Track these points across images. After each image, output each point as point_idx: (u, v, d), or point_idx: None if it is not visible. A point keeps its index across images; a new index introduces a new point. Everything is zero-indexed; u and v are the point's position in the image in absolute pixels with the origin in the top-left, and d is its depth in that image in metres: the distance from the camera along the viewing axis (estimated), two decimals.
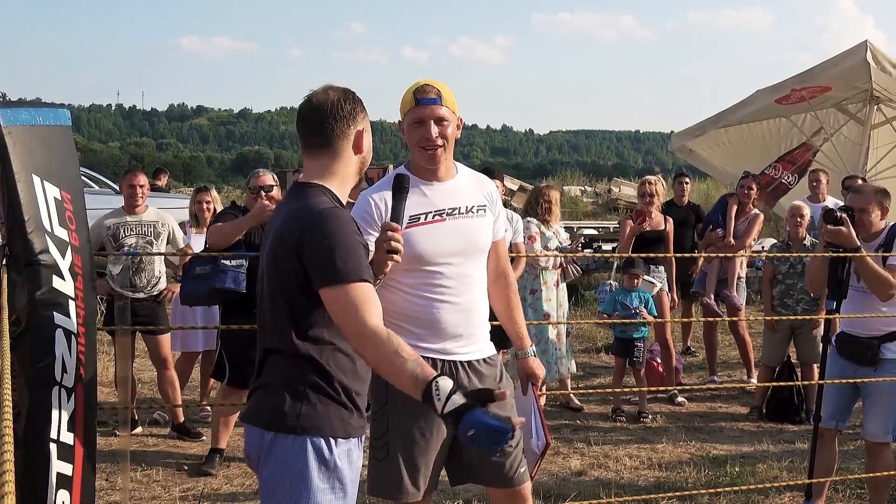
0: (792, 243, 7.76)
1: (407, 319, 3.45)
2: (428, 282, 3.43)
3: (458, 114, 3.48)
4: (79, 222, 3.51)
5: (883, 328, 5.05)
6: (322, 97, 2.91)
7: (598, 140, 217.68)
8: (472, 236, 3.50)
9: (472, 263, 3.52)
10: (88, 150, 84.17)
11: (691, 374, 9.43)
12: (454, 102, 3.46)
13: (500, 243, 3.73)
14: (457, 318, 3.46)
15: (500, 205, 3.72)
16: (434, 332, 3.43)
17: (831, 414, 5.18)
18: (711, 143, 13.90)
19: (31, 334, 3.24)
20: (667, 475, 6.17)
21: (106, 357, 8.57)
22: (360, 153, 2.96)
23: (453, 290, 3.45)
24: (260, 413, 2.89)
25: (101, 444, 6.16)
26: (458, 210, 3.49)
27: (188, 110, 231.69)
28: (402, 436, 3.47)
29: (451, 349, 3.47)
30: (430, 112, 3.39)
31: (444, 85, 3.46)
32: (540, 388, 3.82)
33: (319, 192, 2.85)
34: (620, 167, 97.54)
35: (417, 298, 3.44)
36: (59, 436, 3.34)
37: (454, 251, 3.45)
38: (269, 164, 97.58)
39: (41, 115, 3.38)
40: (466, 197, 3.54)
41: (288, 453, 2.79)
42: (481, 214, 3.55)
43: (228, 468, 6.20)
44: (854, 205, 5.09)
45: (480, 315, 3.56)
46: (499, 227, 3.68)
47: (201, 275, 5.86)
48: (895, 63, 10.77)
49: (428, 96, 3.40)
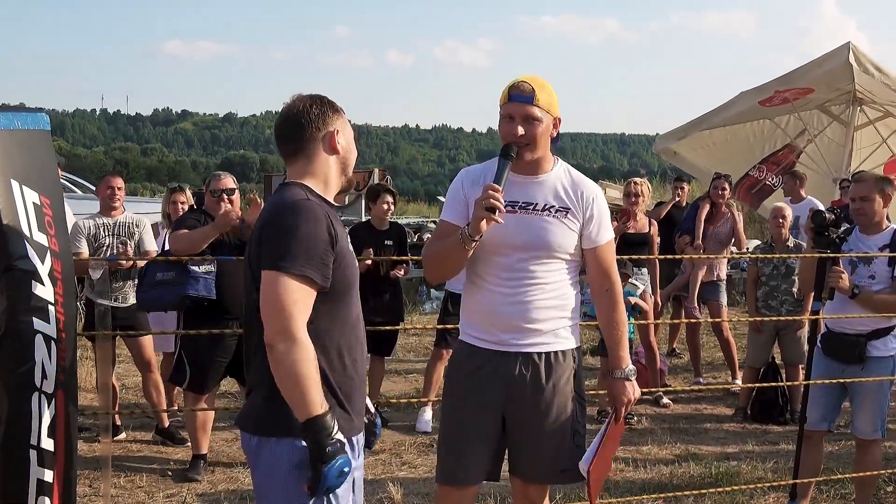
0: (775, 244, 7.78)
1: (469, 304, 3.59)
2: (486, 270, 3.51)
3: (555, 114, 3.47)
4: (58, 227, 3.49)
5: (869, 326, 5.07)
6: (289, 106, 2.96)
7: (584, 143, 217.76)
8: (538, 234, 3.47)
9: (539, 260, 3.48)
10: (73, 155, 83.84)
11: (676, 376, 9.45)
12: (551, 102, 3.45)
13: (600, 249, 3.60)
14: (508, 309, 3.48)
15: (598, 209, 3.57)
16: (488, 321, 3.51)
17: (822, 416, 5.19)
18: (696, 144, 13.92)
19: (10, 340, 3.23)
20: (652, 476, 6.16)
21: (88, 363, 8.51)
22: (336, 153, 2.97)
23: (509, 282, 3.48)
24: (247, 417, 2.92)
25: (84, 450, 6.14)
26: (533, 206, 3.49)
27: (173, 115, 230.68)
28: (451, 418, 3.62)
29: (506, 340, 3.50)
30: (519, 109, 3.40)
31: (544, 83, 3.47)
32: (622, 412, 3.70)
33: (296, 187, 2.87)
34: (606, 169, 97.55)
35: (478, 286, 3.54)
36: (40, 442, 3.33)
37: (516, 245, 3.45)
38: (255, 168, 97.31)
39: (19, 119, 3.36)
40: (548, 196, 3.52)
41: (274, 457, 2.80)
42: (559, 216, 3.50)
43: (213, 473, 6.17)
44: (856, 193, 5.12)
45: (543, 311, 3.50)
46: (595, 231, 3.56)
47: (165, 281, 5.76)
48: (878, 65, 10.81)
49: (520, 93, 3.41)
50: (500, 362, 3.50)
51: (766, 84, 11.99)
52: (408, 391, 8.55)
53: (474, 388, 3.53)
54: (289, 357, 2.66)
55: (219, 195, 6.04)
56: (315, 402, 2.67)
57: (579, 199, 3.54)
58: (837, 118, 12.63)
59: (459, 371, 3.62)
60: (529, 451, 3.58)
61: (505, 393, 3.51)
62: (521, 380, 3.49)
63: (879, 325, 5.08)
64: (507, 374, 3.50)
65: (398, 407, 7.77)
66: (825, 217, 4.98)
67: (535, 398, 3.51)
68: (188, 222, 5.97)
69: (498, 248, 3.46)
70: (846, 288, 4.88)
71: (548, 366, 3.53)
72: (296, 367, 2.66)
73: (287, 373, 2.67)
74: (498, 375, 3.50)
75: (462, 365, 3.61)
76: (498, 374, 3.50)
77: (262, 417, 2.83)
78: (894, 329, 5.14)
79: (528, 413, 3.53)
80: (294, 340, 2.66)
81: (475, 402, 3.53)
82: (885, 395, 5.17)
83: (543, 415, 3.52)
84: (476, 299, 3.57)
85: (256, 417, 2.86)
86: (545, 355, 3.53)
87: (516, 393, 3.50)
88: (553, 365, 3.54)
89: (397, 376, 9.14)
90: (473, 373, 3.54)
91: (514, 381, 3.50)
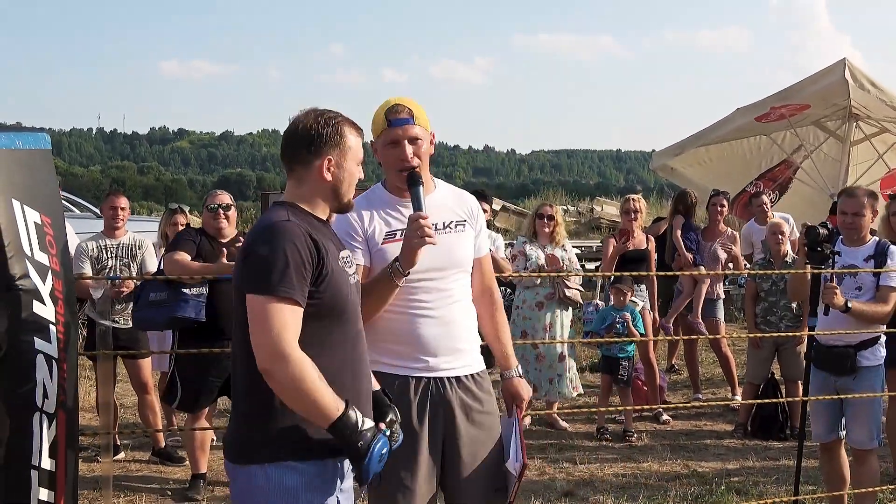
0: (773, 260, 7.79)
1: (388, 336, 3.43)
2: (406, 297, 3.41)
3: (430, 129, 3.46)
4: (59, 246, 3.49)
5: (857, 337, 5.13)
6: (295, 121, 2.94)
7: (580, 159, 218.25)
8: (449, 251, 3.46)
9: (452, 278, 3.48)
10: (70, 174, 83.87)
11: (676, 393, 9.43)
12: (426, 119, 3.43)
13: (484, 260, 3.70)
14: (437, 331, 3.42)
15: (481, 221, 3.68)
16: (416, 347, 3.41)
17: (829, 428, 5.26)
18: (692, 161, 13.95)
19: (11, 360, 3.22)
20: (653, 494, 6.15)
21: (87, 382, 8.49)
22: (323, 182, 2.91)
23: (431, 304, 3.43)
24: (225, 442, 2.93)
25: (83, 470, 6.10)
26: (435, 226, 3.41)
27: (169, 133, 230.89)
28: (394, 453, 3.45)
29: (436, 365, 3.43)
30: (404, 132, 3.37)
31: (413, 102, 3.44)
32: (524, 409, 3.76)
33: (281, 208, 2.86)
34: (602, 186, 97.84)
35: (396, 314, 3.42)
36: (41, 462, 3.32)
37: (431, 266, 3.39)
38: (252, 187, 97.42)
39: (20, 139, 3.36)
40: (444, 213, 3.51)
41: (246, 483, 2.79)
42: (460, 230, 3.53)
43: (213, 492, 6.15)
44: (850, 209, 5.19)
45: (464, 329, 3.52)
46: (481, 243, 3.66)
47: (158, 302, 5.77)
48: (873, 81, 10.86)
49: (400, 116, 3.37)
50: (434, 388, 3.43)
51: (763, 100, 12.04)
52: None
53: (414, 419, 3.39)
54: (287, 376, 2.63)
55: (215, 210, 6.07)
56: (330, 408, 2.65)
57: (468, 211, 3.60)
58: (834, 134, 12.67)
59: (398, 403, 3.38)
60: (467, 475, 3.48)
61: (442, 419, 3.43)
62: (457, 404, 3.44)
63: (867, 335, 5.14)
64: (441, 400, 3.43)
65: None
66: (818, 233, 5.03)
67: (469, 421, 3.47)
68: (184, 243, 5.96)
69: (416, 273, 3.36)
70: (840, 304, 4.92)
71: (477, 386, 3.52)
72: (297, 383, 2.63)
73: (292, 393, 2.65)
74: (433, 402, 3.42)
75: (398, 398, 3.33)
76: (433, 401, 3.42)
77: (235, 444, 2.83)
78: (880, 339, 5.22)
79: (465, 436, 3.46)
80: (287, 360, 2.63)
81: (416, 434, 3.39)
82: (878, 404, 5.26)
83: (480, 437, 3.49)
84: (398, 327, 3.43)
85: (231, 443, 2.85)
86: (472, 377, 3.52)
87: (452, 418, 3.44)
88: (480, 385, 3.54)
89: None
90: (408, 405, 3.37)
91: (449, 407, 3.44)
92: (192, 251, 5.89)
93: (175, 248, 5.94)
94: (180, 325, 5.89)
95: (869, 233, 5.27)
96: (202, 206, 6.34)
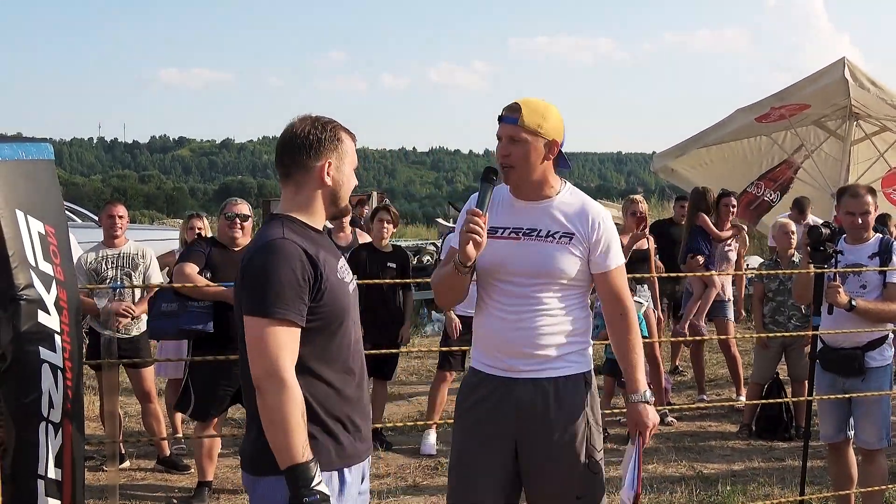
0: (780, 260, 7.78)
1: (476, 330, 3.58)
2: (492, 296, 3.49)
3: (548, 136, 3.39)
4: (63, 256, 3.50)
5: (864, 338, 5.12)
6: (289, 128, 2.92)
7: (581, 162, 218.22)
8: (542, 261, 3.41)
9: (543, 286, 3.43)
10: (71, 183, 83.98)
11: (680, 394, 9.43)
12: (541, 124, 3.37)
13: (610, 274, 3.52)
14: (512, 335, 3.44)
15: (604, 234, 3.49)
16: (489, 344, 3.49)
17: (837, 428, 5.27)
18: (693, 162, 13.96)
19: (16, 370, 3.23)
20: (658, 496, 6.15)
21: (91, 392, 8.49)
22: (323, 186, 2.90)
23: (513, 308, 3.44)
24: (243, 454, 2.92)
25: (88, 479, 6.10)
26: (538, 233, 3.44)
27: (170, 142, 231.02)
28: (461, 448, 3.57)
29: (514, 366, 3.45)
30: (505, 130, 3.40)
31: (538, 104, 3.41)
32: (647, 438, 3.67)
33: (277, 224, 2.83)
34: (604, 188, 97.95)
35: (481, 311, 3.54)
36: (47, 472, 3.32)
37: (520, 271, 3.41)
38: (252, 194, 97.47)
39: (24, 149, 3.37)
40: (553, 222, 3.46)
41: (267, 495, 2.78)
42: (563, 242, 3.44)
43: (218, 500, 6.15)
44: (857, 209, 5.19)
45: (548, 338, 3.44)
46: (601, 257, 3.49)
47: (168, 313, 5.83)
48: (873, 79, 10.87)
49: (507, 114, 3.39)
50: (510, 389, 3.46)
51: (763, 101, 12.05)
52: (411, 414, 8.53)
53: (484, 415, 3.49)
54: (275, 400, 2.63)
55: (232, 218, 6.08)
56: (296, 449, 2.63)
57: (585, 224, 3.47)
58: (834, 133, 12.68)
59: (469, 398, 3.57)
60: (543, 480, 3.50)
61: (516, 420, 3.45)
62: (532, 406, 3.44)
63: (873, 336, 5.13)
64: (516, 401, 3.45)
65: (402, 430, 7.76)
66: (821, 232, 5.02)
67: (546, 425, 3.44)
68: (193, 255, 5.99)
69: (502, 274, 3.44)
70: (844, 302, 4.91)
71: (557, 391, 3.46)
72: (280, 410, 2.62)
73: (271, 416, 2.64)
74: (508, 402, 3.45)
75: (471, 392, 3.56)
76: (508, 401, 3.45)
77: (255, 455, 2.81)
78: (888, 338, 5.20)
79: (540, 440, 3.46)
80: (280, 383, 2.63)
81: (486, 430, 3.48)
82: (887, 404, 5.23)
83: (556, 442, 3.45)
84: (483, 325, 3.54)
85: (251, 455, 2.84)
86: (554, 381, 3.47)
87: (527, 420, 3.45)
88: (563, 390, 3.48)
89: (400, 399, 9.12)
90: (483, 400, 3.49)
91: (524, 408, 3.45)
92: (200, 262, 5.92)
93: (184, 260, 5.97)
94: (189, 336, 5.97)
95: (872, 230, 5.27)
96: (219, 213, 6.36)
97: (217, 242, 6.12)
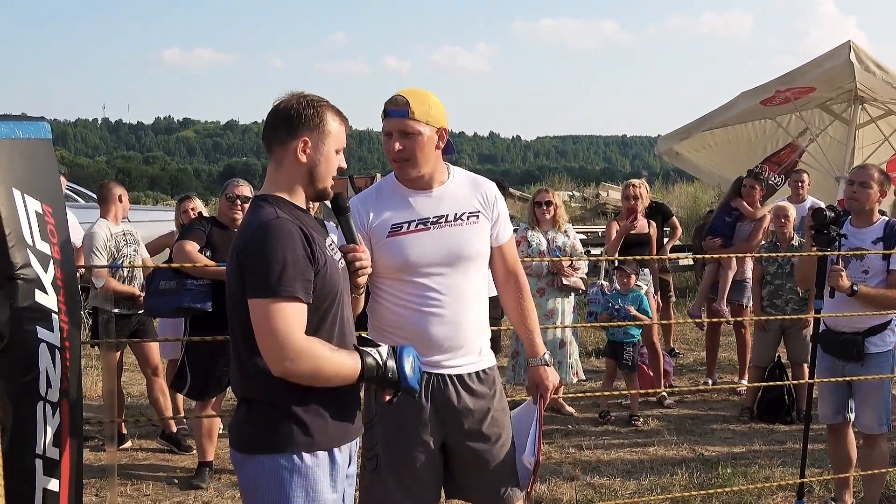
0: (779, 244, 7.78)
1: (394, 330, 3.40)
2: (414, 292, 3.37)
3: (437, 124, 3.35)
4: (60, 235, 3.48)
5: (865, 323, 5.10)
6: (276, 104, 2.90)
7: (586, 145, 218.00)
8: (458, 245, 3.39)
9: (461, 273, 3.41)
10: (75, 164, 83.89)
11: (681, 377, 9.43)
12: (430, 113, 3.33)
13: (506, 247, 3.60)
14: (444, 330, 3.37)
15: (500, 207, 3.56)
16: (421, 344, 3.29)
17: (835, 409, 5.26)
18: (698, 145, 13.92)
19: (14, 349, 3.22)
20: (659, 478, 6.15)
21: (94, 371, 8.51)
22: (298, 164, 2.87)
23: (440, 301, 3.37)
24: (231, 432, 2.92)
25: (89, 459, 6.14)
26: (445, 218, 3.40)
27: (174, 123, 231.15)
28: (391, 448, 3.42)
29: (440, 362, 3.40)
30: (395, 124, 3.33)
31: (424, 94, 3.36)
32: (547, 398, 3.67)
33: (265, 205, 2.81)
34: (608, 172, 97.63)
35: (403, 309, 3.39)
36: (45, 451, 3.32)
37: (438, 261, 3.36)
38: (257, 176, 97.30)
39: (20, 128, 3.35)
40: (456, 204, 3.44)
41: (253, 473, 2.79)
42: (472, 221, 3.45)
43: (219, 480, 6.16)
44: (856, 178, 5.16)
45: (472, 327, 3.46)
46: (500, 230, 3.56)
47: (166, 290, 5.80)
48: (879, 63, 10.80)
49: (395, 108, 3.32)
50: (435, 386, 3.40)
51: (767, 84, 11.99)
52: None
53: (411, 414, 3.38)
54: (306, 371, 2.67)
55: (233, 200, 6.08)
56: (352, 371, 2.78)
57: (483, 200, 3.51)
58: (839, 116, 12.63)
59: None
60: (479, 473, 3.47)
61: (444, 417, 3.41)
62: (459, 402, 3.41)
63: (875, 321, 5.10)
64: (443, 398, 3.41)
65: None
66: (825, 215, 4.98)
67: (474, 419, 3.43)
68: (194, 233, 5.97)
69: (423, 267, 3.35)
70: (846, 286, 4.89)
71: (483, 384, 3.48)
72: (317, 372, 2.69)
73: (315, 381, 2.72)
74: (434, 399, 3.41)
75: None
76: (434, 398, 3.41)
77: (243, 434, 2.83)
78: (890, 324, 5.17)
79: (471, 435, 3.43)
80: (299, 356, 2.65)
81: (414, 430, 3.39)
82: (888, 389, 5.22)
83: (486, 434, 3.45)
84: (403, 321, 3.39)
85: (237, 434, 2.85)
86: (477, 374, 3.47)
87: (455, 416, 3.41)
88: (486, 381, 3.49)
89: None
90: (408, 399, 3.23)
91: (450, 405, 3.41)
92: (201, 240, 5.91)
93: (184, 238, 5.95)
94: (186, 314, 5.92)
95: (876, 212, 5.22)
96: (221, 193, 6.36)
97: (217, 222, 6.11)
